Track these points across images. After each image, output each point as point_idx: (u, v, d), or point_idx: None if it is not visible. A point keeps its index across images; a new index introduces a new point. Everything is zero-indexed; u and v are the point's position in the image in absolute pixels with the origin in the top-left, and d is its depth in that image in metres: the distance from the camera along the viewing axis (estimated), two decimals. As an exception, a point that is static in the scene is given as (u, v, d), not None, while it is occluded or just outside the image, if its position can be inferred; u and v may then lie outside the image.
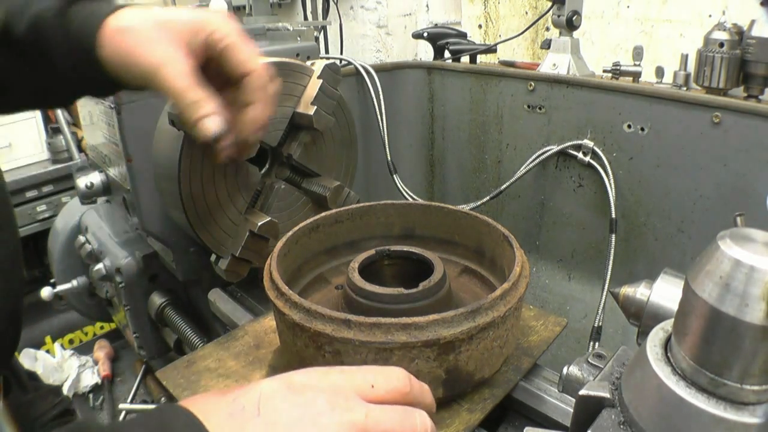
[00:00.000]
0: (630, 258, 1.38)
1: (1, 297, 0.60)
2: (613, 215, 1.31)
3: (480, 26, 2.55)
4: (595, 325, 1.23)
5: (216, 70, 0.67)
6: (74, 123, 2.56)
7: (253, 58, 0.67)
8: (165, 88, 0.62)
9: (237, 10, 1.41)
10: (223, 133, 0.63)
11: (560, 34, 1.45)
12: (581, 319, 1.45)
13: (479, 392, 0.74)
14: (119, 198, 1.20)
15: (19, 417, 0.73)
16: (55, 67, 0.65)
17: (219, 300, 1.10)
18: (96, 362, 2.05)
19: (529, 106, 1.49)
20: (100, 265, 1.35)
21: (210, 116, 0.62)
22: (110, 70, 0.64)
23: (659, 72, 1.30)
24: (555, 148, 1.42)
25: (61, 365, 1.98)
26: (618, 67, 1.35)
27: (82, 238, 1.47)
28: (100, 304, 1.62)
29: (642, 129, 1.29)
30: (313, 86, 1.00)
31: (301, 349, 0.70)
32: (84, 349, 2.13)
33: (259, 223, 0.94)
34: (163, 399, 1.63)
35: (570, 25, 1.41)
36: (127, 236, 1.37)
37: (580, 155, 1.39)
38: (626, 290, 0.60)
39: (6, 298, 0.61)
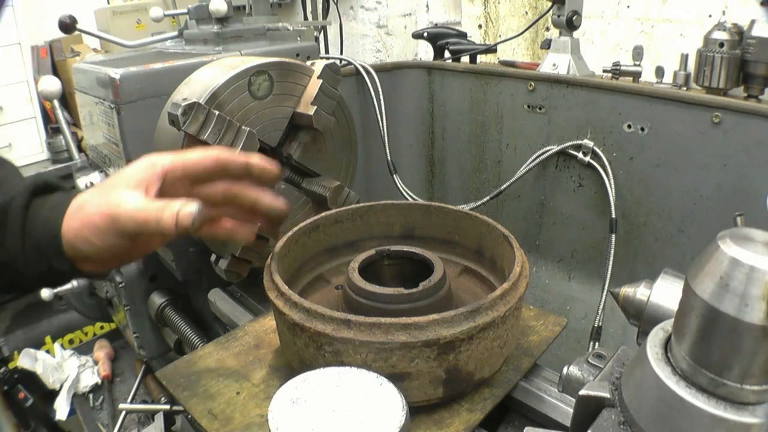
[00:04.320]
0: (630, 258, 1.38)
1: None
2: (613, 215, 1.31)
3: (480, 26, 2.55)
4: (595, 325, 1.23)
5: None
6: (74, 123, 2.56)
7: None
8: (131, 220, 0.61)
9: (237, 10, 1.40)
10: (199, 211, 0.60)
11: (560, 34, 1.45)
12: (581, 319, 1.45)
13: (479, 392, 0.74)
14: (119, 198, 1.20)
15: None
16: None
17: (219, 300, 1.10)
18: (96, 362, 2.04)
19: (529, 106, 1.49)
20: (100, 265, 1.35)
21: (180, 209, 0.60)
22: (71, 248, 0.64)
23: (659, 72, 1.31)
24: (555, 148, 1.42)
25: (61, 365, 1.98)
26: (618, 67, 1.36)
27: (82, 238, 1.46)
28: (100, 304, 1.61)
29: (642, 129, 1.29)
30: (313, 86, 1.00)
31: (301, 349, 0.70)
32: (84, 349, 2.13)
33: (259, 223, 0.94)
34: (163, 399, 1.63)
35: (570, 25, 1.41)
36: (127, 236, 1.37)
37: (580, 155, 1.39)
38: (626, 290, 0.60)
39: None
